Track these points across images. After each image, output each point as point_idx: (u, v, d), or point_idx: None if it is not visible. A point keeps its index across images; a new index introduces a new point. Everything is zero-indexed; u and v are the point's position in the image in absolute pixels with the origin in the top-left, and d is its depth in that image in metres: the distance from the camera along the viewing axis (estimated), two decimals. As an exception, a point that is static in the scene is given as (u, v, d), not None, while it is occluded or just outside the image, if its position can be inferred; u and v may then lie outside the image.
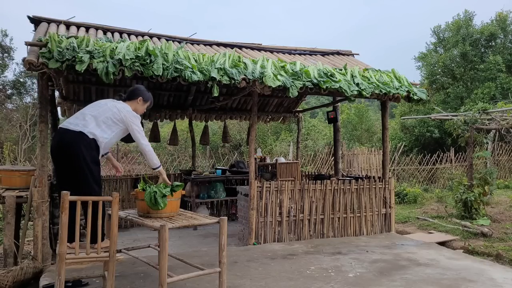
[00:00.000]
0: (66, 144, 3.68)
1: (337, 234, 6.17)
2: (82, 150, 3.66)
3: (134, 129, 3.88)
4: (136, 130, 3.89)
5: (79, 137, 3.68)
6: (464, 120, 8.36)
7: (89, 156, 3.69)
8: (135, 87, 4.21)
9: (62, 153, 3.69)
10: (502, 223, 7.63)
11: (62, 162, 3.74)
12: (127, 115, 3.87)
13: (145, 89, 4.20)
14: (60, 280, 3.00)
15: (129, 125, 3.88)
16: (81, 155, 3.65)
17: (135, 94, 4.10)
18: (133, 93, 4.10)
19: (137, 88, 4.17)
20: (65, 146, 3.68)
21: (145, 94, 4.15)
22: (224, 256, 3.45)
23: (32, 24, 5.60)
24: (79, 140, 3.68)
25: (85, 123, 3.74)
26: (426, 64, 20.38)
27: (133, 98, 4.07)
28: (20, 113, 15.37)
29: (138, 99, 4.08)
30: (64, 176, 3.77)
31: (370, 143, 19.09)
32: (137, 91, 4.13)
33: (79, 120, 3.78)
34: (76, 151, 3.65)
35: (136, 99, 4.08)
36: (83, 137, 3.69)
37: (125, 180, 7.80)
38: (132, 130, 3.89)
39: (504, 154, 15.66)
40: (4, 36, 17.22)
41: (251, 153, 5.77)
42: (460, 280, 4.14)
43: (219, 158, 15.74)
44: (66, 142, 3.69)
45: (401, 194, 10.79)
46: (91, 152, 3.72)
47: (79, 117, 3.81)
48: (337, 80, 5.62)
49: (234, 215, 7.70)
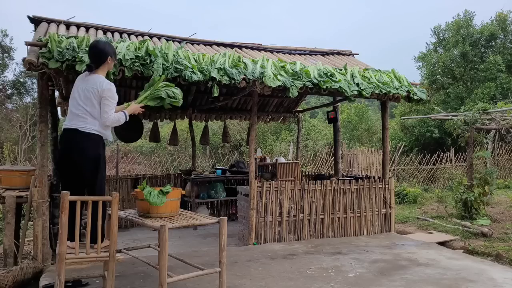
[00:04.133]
0: (79, 147, 3.67)
1: (337, 234, 6.17)
2: (99, 151, 3.73)
3: (106, 104, 3.68)
4: (107, 106, 3.68)
5: (90, 138, 3.71)
6: (464, 120, 8.36)
7: (104, 154, 3.79)
8: (98, 49, 3.78)
9: (75, 156, 3.67)
10: (502, 223, 7.63)
11: (73, 166, 3.70)
12: (103, 92, 3.66)
13: (106, 43, 3.90)
14: (60, 280, 3.00)
15: (102, 102, 3.68)
16: (97, 156, 3.73)
17: (104, 55, 3.76)
18: (100, 57, 3.76)
19: (102, 50, 3.77)
20: (79, 149, 3.67)
21: (111, 49, 3.86)
22: (224, 256, 3.45)
23: (32, 24, 5.60)
24: (90, 141, 3.71)
25: (86, 121, 3.68)
26: (426, 64, 20.37)
27: (103, 62, 3.78)
28: (20, 113, 15.37)
29: (108, 59, 3.80)
30: (75, 178, 3.74)
31: (370, 143, 19.08)
32: (103, 52, 3.76)
33: (81, 118, 3.70)
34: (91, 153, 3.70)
35: (106, 60, 3.79)
36: (92, 137, 3.72)
37: (125, 180, 7.80)
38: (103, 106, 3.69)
39: (504, 154, 15.65)
40: (4, 36, 17.23)
41: (251, 153, 5.77)
42: (460, 280, 4.14)
43: (219, 158, 15.74)
44: (79, 145, 3.67)
45: (401, 194, 10.78)
46: (103, 151, 3.80)
47: (79, 115, 3.70)
48: (337, 80, 5.62)
49: (234, 215, 7.69)
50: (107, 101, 3.68)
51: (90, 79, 3.75)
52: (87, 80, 3.76)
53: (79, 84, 3.78)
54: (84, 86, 3.73)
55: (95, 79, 3.73)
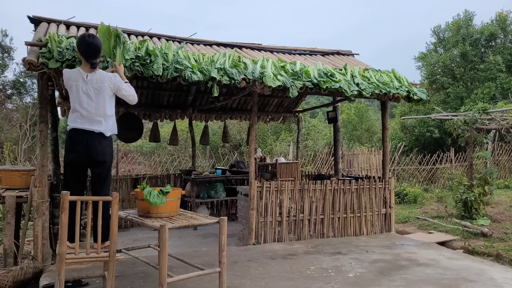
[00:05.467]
0: (101, 150, 3.75)
1: (337, 234, 6.17)
2: (111, 153, 3.87)
3: (124, 89, 3.91)
4: (125, 90, 3.93)
5: (109, 141, 3.84)
6: (464, 120, 8.36)
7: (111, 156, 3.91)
8: (96, 45, 3.81)
9: (97, 158, 3.75)
10: (502, 223, 7.63)
11: (90, 166, 3.81)
12: (116, 82, 3.86)
13: (95, 36, 3.93)
14: (60, 280, 3.00)
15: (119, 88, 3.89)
16: (110, 158, 3.86)
17: (100, 49, 3.88)
18: (100, 52, 3.88)
19: (98, 44, 3.84)
20: (101, 152, 3.75)
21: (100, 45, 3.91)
22: (224, 256, 3.45)
23: (32, 24, 5.60)
24: (110, 145, 3.85)
25: (102, 123, 3.78)
26: (426, 64, 20.37)
27: (99, 56, 3.90)
28: (20, 113, 15.36)
29: (101, 54, 3.95)
30: (83, 178, 3.87)
31: (370, 143, 19.08)
32: (100, 46, 3.87)
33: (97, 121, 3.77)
34: (110, 156, 3.86)
35: (101, 53, 3.94)
36: (109, 139, 3.85)
37: (125, 180, 7.81)
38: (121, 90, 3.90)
39: (504, 154, 15.65)
40: (4, 36, 17.22)
41: (251, 153, 5.77)
42: (460, 280, 4.14)
43: (219, 158, 15.73)
44: (100, 147, 3.75)
45: (401, 194, 10.78)
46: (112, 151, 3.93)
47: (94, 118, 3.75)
48: (337, 80, 5.62)
49: (234, 215, 7.69)
50: (122, 85, 3.89)
51: (94, 78, 3.74)
52: (91, 80, 3.74)
53: (81, 85, 3.73)
54: (91, 86, 3.73)
55: (99, 76, 3.78)
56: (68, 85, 3.78)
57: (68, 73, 3.78)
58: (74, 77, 3.74)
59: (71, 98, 3.77)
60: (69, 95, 3.82)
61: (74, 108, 3.73)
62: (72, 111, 3.77)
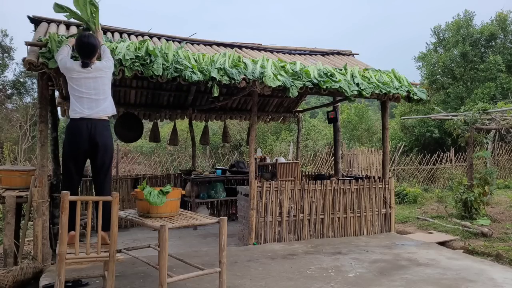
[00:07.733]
0: (104, 135, 3.90)
1: (337, 234, 6.17)
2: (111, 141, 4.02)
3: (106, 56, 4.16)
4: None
5: (106, 126, 3.97)
6: (464, 120, 8.36)
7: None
8: (93, 44, 4.03)
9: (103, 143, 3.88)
10: (502, 223, 7.63)
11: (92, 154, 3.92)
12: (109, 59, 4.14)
13: (90, 36, 4.12)
14: (60, 280, 3.00)
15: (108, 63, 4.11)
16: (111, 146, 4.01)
17: (96, 48, 4.06)
18: (95, 51, 4.04)
19: (94, 44, 4.05)
20: (104, 137, 3.90)
21: (97, 42, 4.13)
22: (224, 256, 3.45)
23: (32, 24, 5.59)
24: (106, 130, 3.96)
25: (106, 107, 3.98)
26: (426, 64, 20.37)
27: (97, 51, 4.09)
28: (20, 113, 15.37)
29: (96, 54, 4.09)
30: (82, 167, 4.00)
31: (370, 143, 19.08)
32: (96, 47, 4.06)
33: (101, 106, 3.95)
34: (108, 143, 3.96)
35: (97, 52, 4.11)
36: (107, 125, 3.99)
37: (125, 180, 7.80)
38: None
39: (504, 154, 15.66)
40: (4, 36, 17.21)
41: (251, 153, 5.77)
42: (460, 280, 4.14)
43: (219, 158, 15.74)
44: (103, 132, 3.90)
45: (401, 194, 10.79)
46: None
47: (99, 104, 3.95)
48: (337, 80, 5.62)
49: (234, 215, 7.70)
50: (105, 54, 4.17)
51: (93, 70, 3.95)
52: (93, 71, 3.95)
53: (84, 82, 3.93)
54: (92, 74, 3.94)
55: (98, 67, 3.99)
56: (68, 75, 3.97)
57: (70, 63, 4.00)
58: (74, 72, 3.97)
59: (71, 88, 3.95)
60: (68, 84, 3.98)
61: (73, 95, 3.93)
62: (73, 100, 3.93)
